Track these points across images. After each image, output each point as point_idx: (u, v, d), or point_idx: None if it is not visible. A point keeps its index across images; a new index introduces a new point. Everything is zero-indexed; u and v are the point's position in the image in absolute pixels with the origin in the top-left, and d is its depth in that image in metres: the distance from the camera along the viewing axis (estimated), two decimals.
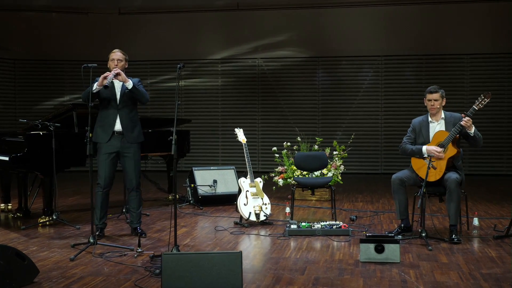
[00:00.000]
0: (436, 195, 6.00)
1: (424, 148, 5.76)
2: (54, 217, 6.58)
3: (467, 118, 5.56)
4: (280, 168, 8.93)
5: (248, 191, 6.68)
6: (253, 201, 6.63)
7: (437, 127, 5.85)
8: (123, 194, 7.30)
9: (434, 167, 5.60)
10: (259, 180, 6.86)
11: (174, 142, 4.89)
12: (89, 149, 5.30)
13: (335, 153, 8.85)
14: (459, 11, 12.59)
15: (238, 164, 9.44)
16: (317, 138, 9.23)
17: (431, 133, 5.85)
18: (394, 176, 5.92)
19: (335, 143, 9.05)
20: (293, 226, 6.07)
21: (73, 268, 4.75)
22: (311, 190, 7.24)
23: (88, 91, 5.58)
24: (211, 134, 13.68)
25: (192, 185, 8.16)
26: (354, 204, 8.33)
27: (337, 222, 6.17)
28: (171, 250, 4.82)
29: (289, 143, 9.06)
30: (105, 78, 5.55)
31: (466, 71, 12.76)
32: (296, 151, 8.91)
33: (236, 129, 7.12)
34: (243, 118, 13.42)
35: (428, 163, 5.54)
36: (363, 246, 4.93)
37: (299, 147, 9.10)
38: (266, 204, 6.70)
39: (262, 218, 6.60)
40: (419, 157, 5.81)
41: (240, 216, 6.68)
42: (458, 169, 5.79)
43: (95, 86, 5.60)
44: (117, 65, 5.77)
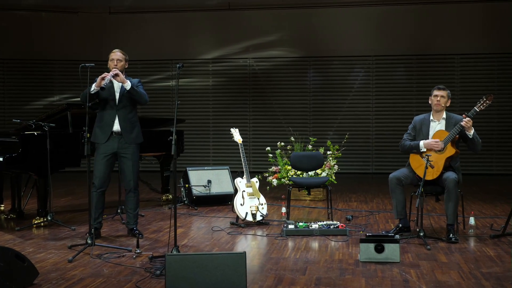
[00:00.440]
0: (432, 194, 6.03)
1: (421, 143, 5.78)
2: (49, 218, 6.51)
3: (468, 118, 5.59)
4: (274, 168, 8.92)
5: (244, 191, 6.66)
6: (249, 201, 6.61)
7: (437, 126, 5.88)
8: (118, 195, 7.25)
9: (432, 166, 5.62)
10: (255, 180, 6.84)
11: (174, 142, 4.87)
12: (87, 149, 5.25)
13: (329, 153, 8.86)
14: (449, 12, 12.70)
15: (229, 164, 9.41)
16: (311, 138, 9.23)
17: (431, 132, 5.88)
18: (391, 175, 5.93)
19: (329, 143, 9.05)
20: (291, 226, 6.06)
21: (72, 270, 4.70)
22: (307, 190, 7.23)
23: (86, 92, 5.52)
24: (202, 134, 13.63)
25: (186, 185, 8.12)
26: (348, 204, 8.34)
27: (334, 222, 6.17)
28: (171, 251, 4.79)
29: (282, 143, 9.06)
30: (103, 79, 5.51)
31: (457, 71, 12.85)
32: (289, 151, 8.91)
33: (232, 129, 7.09)
34: (234, 118, 13.39)
35: (426, 161, 5.56)
36: (363, 245, 4.93)
37: (292, 147, 9.09)
38: (262, 204, 6.69)
39: (258, 218, 6.58)
40: (416, 153, 5.82)
41: (236, 216, 6.66)
42: (455, 170, 5.81)
43: (93, 87, 5.54)
44: (116, 65, 5.71)
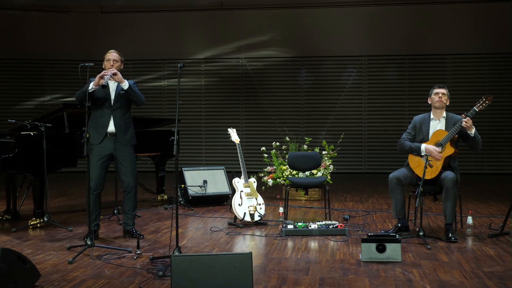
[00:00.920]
0: (430, 194, 6.05)
1: (423, 146, 5.79)
2: (46, 219, 6.46)
3: (467, 118, 5.61)
4: (269, 168, 8.91)
5: (242, 191, 6.64)
6: (247, 201, 6.60)
7: (437, 125, 5.90)
8: (115, 195, 7.21)
9: (431, 166, 5.64)
10: (253, 180, 6.83)
11: (175, 142, 4.84)
12: (87, 149, 5.22)
13: (324, 152, 8.86)
14: (441, 12, 12.77)
15: (222, 164, 9.37)
16: (306, 138, 9.24)
17: (430, 131, 5.90)
18: (391, 175, 5.94)
19: (324, 142, 9.06)
20: (290, 226, 6.06)
21: (73, 271, 4.66)
22: (304, 190, 7.23)
23: (82, 91, 5.48)
24: (194, 134, 13.60)
25: (182, 185, 8.09)
26: (344, 204, 8.35)
27: (333, 222, 6.17)
28: (173, 252, 4.76)
29: (278, 143, 9.06)
30: (102, 78, 5.47)
31: (448, 71, 12.92)
32: (285, 151, 8.90)
33: (229, 129, 7.08)
34: (226, 118, 13.37)
35: (425, 161, 5.57)
36: (365, 245, 4.93)
37: (288, 147, 9.09)
38: (260, 204, 6.67)
39: (256, 218, 6.57)
40: (416, 154, 5.84)
41: (234, 216, 6.64)
42: (454, 169, 5.83)
43: (91, 86, 5.50)
44: (112, 65, 5.69)
